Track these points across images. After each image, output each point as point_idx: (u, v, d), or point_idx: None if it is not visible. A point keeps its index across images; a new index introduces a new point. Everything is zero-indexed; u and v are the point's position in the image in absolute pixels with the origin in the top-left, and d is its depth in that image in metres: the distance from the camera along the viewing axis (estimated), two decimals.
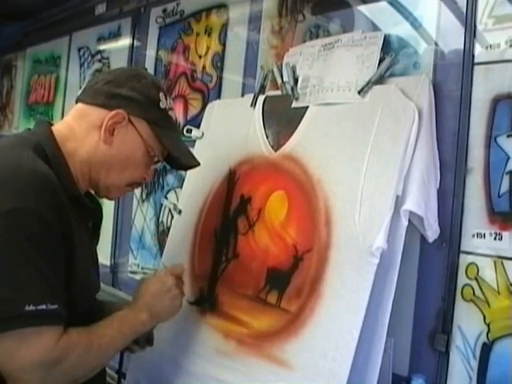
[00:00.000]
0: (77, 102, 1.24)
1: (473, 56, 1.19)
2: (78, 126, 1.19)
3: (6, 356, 0.98)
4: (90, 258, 1.22)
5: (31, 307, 0.96)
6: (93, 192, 1.28)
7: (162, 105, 1.22)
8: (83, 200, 1.18)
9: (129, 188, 1.29)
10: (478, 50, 1.19)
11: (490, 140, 1.16)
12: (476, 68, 1.19)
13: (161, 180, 2.04)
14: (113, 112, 1.17)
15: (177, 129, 1.33)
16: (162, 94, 1.22)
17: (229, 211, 1.50)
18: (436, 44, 1.28)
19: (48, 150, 1.12)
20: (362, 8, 1.45)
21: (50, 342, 1.00)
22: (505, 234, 1.13)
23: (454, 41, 1.24)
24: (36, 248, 0.99)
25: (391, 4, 1.37)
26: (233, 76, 1.83)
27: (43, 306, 0.97)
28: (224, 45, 1.87)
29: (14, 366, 0.99)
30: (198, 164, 1.32)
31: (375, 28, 1.40)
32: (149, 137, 1.21)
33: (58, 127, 1.20)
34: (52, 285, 1.01)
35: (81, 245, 1.11)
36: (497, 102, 1.16)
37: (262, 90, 1.60)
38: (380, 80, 1.28)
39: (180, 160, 1.28)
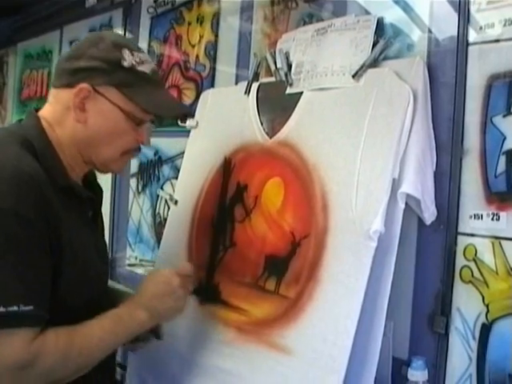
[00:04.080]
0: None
1: (467, 36, 1.18)
2: (55, 111, 1.17)
3: None
4: (93, 248, 1.19)
5: (1, 309, 0.94)
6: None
7: (126, 63, 1.14)
8: (77, 191, 1.17)
9: (127, 156, 1.25)
10: (472, 30, 1.18)
11: (486, 120, 1.16)
12: (470, 49, 1.18)
13: (156, 171, 2.02)
14: (76, 88, 1.12)
15: (152, 80, 1.20)
16: (125, 51, 1.15)
17: (225, 199, 1.49)
18: (429, 30, 1.27)
19: (36, 143, 1.10)
20: None
21: (21, 344, 0.97)
22: (502, 214, 1.12)
23: (447, 20, 1.22)
24: (14, 248, 0.97)
25: None
26: (226, 65, 1.81)
27: (14, 308, 0.95)
28: (217, 34, 1.86)
29: None
30: (188, 110, 1.24)
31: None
32: (122, 101, 1.15)
33: (44, 114, 1.18)
34: (28, 285, 0.98)
35: (74, 237, 1.09)
36: (492, 82, 1.15)
37: (256, 77, 1.58)
38: (374, 63, 1.27)
39: (161, 114, 1.23)
